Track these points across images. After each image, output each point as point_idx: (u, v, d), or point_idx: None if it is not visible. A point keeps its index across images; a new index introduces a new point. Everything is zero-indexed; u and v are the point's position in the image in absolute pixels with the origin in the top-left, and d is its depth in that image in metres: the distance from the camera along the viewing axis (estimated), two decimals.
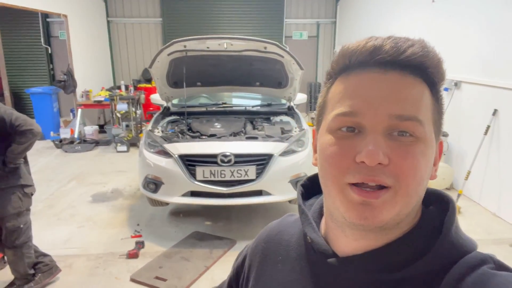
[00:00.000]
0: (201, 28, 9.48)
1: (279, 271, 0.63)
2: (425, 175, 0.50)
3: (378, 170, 0.47)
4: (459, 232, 0.53)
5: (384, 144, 0.48)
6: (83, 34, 7.86)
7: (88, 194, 4.66)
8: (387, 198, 0.48)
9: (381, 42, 0.50)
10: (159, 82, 4.00)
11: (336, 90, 0.53)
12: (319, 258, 0.57)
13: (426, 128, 0.50)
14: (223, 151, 3.30)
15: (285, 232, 0.68)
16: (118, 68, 9.90)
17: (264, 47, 3.60)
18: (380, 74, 0.49)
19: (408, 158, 0.48)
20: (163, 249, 3.39)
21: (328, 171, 0.51)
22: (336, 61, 0.54)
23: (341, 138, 0.50)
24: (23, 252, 2.73)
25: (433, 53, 0.50)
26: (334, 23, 10.03)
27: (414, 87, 0.49)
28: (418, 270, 0.50)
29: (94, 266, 3.16)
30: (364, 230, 0.50)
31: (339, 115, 0.50)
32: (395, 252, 0.52)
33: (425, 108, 0.50)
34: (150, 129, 3.77)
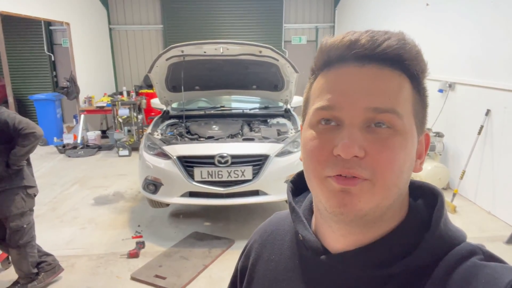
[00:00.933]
0: (201, 34, 9.61)
1: (272, 270, 0.64)
2: (404, 168, 0.50)
3: (354, 163, 0.48)
4: (448, 225, 0.53)
5: (360, 137, 0.48)
6: (85, 42, 8.00)
7: (90, 197, 4.75)
8: (365, 187, 0.48)
9: (357, 36, 0.50)
10: (158, 87, 4.11)
11: (317, 85, 0.54)
12: (311, 255, 0.58)
13: (405, 120, 0.49)
14: (220, 152, 3.39)
15: (277, 231, 0.69)
16: (120, 74, 10.04)
17: (259, 51, 3.70)
18: (357, 68, 0.50)
19: (384, 151, 0.48)
20: (163, 249, 3.47)
21: (309, 164, 0.53)
22: (317, 57, 0.55)
23: (320, 132, 0.51)
24: (27, 252, 2.82)
25: (411, 45, 0.50)
26: (333, 28, 10.15)
27: (392, 80, 0.50)
28: (408, 264, 0.50)
29: (96, 266, 3.24)
30: (345, 221, 0.50)
31: (318, 109, 0.51)
32: (385, 247, 0.52)
33: (404, 101, 0.50)
34: (150, 132, 3.87)
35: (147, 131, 3.97)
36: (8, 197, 2.70)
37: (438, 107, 4.80)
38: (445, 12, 4.83)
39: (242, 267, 0.73)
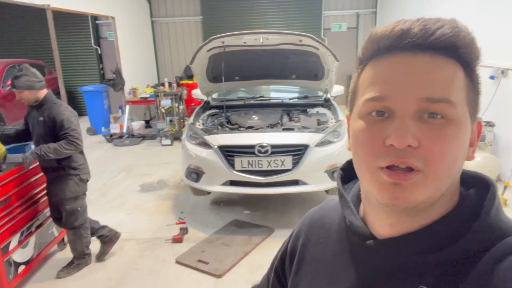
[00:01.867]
0: (239, 24, 9.65)
1: (321, 253, 0.65)
2: (457, 157, 0.49)
3: (408, 153, 0.47)
4: (500, 215, 0.52)
5: (414, 127, 0.48)
6: (129, 35, 8.29)
7: (136, 184, 4.98)
8: (418, 180, 0.48)
9: (409, 25, 0.49)
10: (199, 78, 4.20)
11: (366, 75, 0.54)
12: (357, 240, 0.58)
13: (459, 109, 0.49)
14: (260, 142, 3.43)
15: (326, 216, 0.70)
16: (162, 65, 10.33)
17: (299, 40, 3.68)
18: (409, 57, 0.49)
19: (438, 141, 0.47)
20: (205, 235, 3.59)
21: (360, 156, 0.53)
22: (365, 47, 0.54)
23: (371, 122, 0.51)
24: (81, 233, 3.03)
25: (464, 32, 0.49)
26: (375, 13, 9.81)
27: (445, 69, 0.49)
28: (454, 252, 0.50)
29: (143, 249, 3.42)
30: (397, 211, 0.51)
31: (369, 100, 0.51)
32: (431, 235, 0.51)
33: (458, 89, 0.49)
34: (192, 122, 3.98)
35: (189, 121, 4.08)
36: (63, 182, 2.91)
37: (489, 95, 4.55)
38: None
39: (292, 248, 0.74)
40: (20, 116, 7.43)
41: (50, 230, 3.16)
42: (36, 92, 2.80)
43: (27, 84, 2.75)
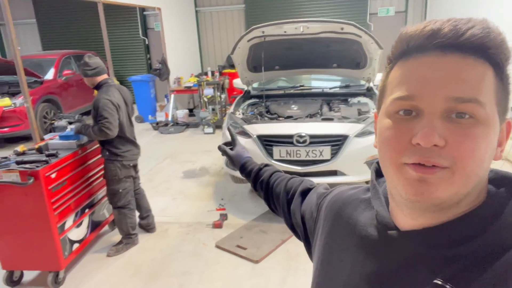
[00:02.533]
0: (282, 11, 9.56)
1: (348, 234, 0.68)
2: (485, 157, 0.49)
3: (434, 152, 0.48)
4: None
5: (441, 126, 0.48)
6: (174, 25, 8.51)
7: (180, 171, 5.20)
8: (444, 176, 0.48)
9: (439, 26, 0.49)
10: (240, 67, 4.26)
11: (395, 74, 0.54)
12: (381, 230, 0.60)
13: (488, 109, 0.49)
14: (298, 132, 3.45)
15: (359, 199, 0.72)
16: (205, 55, 10.53)
17: (341, 28, 3.61)
18: (438, 57, 0.49)
19: (466, 141, 0.48)
20: (244, 221, 3.70)
21: (385, 153, 0.53)
22: (395, 46, 0.55)
23: (399, 121, 0.51)
24: (125, 213, 3.26)
25: (495, 33, 0.49)
26: None
27: (475, 69, 0.49)
28: (474, 249, 0.50)
29: (185, 233, 3.59)
30: (421, 208, 0.51)
31: (397, 99, 0.51)
32: (454, 229, 0.52)
33: (487, 89, 0.49)
34: (232, 112, 4.07)
35: (230, 110, 4.17)
36: (106, 165, 3.18)
37: None
38: None
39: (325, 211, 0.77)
40: (75, 104, 7.97)
41: (101, 212, 3.41)
42: (91, 79, 3.10)
43: (82, 73, 3.09)
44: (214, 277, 2.94)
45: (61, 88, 7.59)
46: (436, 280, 0.52)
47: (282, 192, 0.98)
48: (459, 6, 7.26)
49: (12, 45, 3.90)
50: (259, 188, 1.10)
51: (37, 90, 6.84)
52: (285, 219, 0.97)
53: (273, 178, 1.06)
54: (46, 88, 7.11)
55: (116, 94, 3.09)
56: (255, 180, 1.11)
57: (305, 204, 0.88)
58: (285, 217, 0.97)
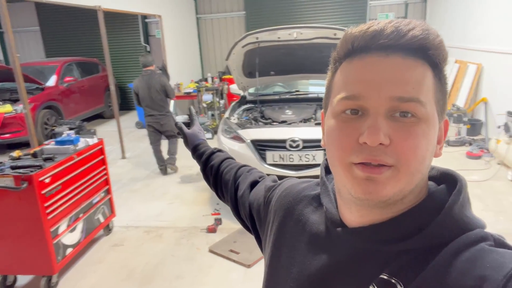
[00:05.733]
0: (282, 18, 9.63)
1: (299, 230, 0.69)
2: (427, 154, 0.51)
3: (380, 150, 0.49)
4: (465, 211, 0.54)
5: (386, 125, 0.49)
6: (175, 32, 8.59)
7: (177, 176, 5.23)
8: (390, 175, 0.50)
9: (382, 27, 0.51)
10: (235, 73, 4.31)
11: (340, 75, 0.55)
12: (330, 226, 0.62)
13: (428, 108, 0.51)
14: (291, 137, 3.47)
15: (310, 195, 0.72)
16: (206, 61, 10.60)
17: (334, 34, 3.64)
18: (381, 57, 0.51)
19: (409, 139, 0.49)
20: (238, 226, 3.70)
21: (333, 152, 0.54)
22: (340, 46, 0.56)
23: (345, 120, 0.53)
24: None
25: (434, 35, 0.51)
26: (425, 2, 9.35)
27: (416, 69, 0.50)
28: (417, 243, 0.52)
29: (180, 237, 3.60)
30: (369, 205, 0.53)
31: (343, 99, 0.53)
32: (398, 225, 0.54)
33: (427, 89, 0.51)
34: (227, 117, 4.10)
35: (225, 115, 4.21)
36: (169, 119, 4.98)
37: None
38: None
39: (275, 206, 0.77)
40: (77, 110, 8.06)
41: (96, 216, 3.44)
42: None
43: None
44: (206, 282, 2.95)
45: (63, 95, 7.67)
46: (382, 275, 0.53)
47: (231, 180, 0.98)
48: (458, 13, 7.28)
49: (11, 52, 3.97)
50: (208, 172, 1.08)
51: (38, 96, 6.93)
52: (232, 208, 0.96)
53: (224, 165, 1.05)
54: (47, 95, 7.19)
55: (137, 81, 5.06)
56: (206, 164, 1.09)
57: (252, 196, 0.88)
58: (232, 206, 0.96)
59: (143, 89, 4.96)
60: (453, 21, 7.54)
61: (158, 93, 4.99)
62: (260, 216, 0.82)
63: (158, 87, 5.00)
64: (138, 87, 4.97)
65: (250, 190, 0.91)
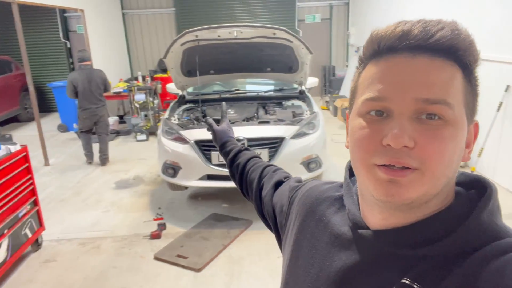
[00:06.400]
0: (213, 16, 9.55)
1: (320, 231, 0.68)
2: (454, 158, 0.50)
3: (404, 153, 0.48)
4: (495, 219, 0.52)
5: (410, 128, 0.48)
6: (100, 28, 8.06)
7: (112, 181, 4.91)
8: (414, 178, 0.49)
9: (410, 27, 0.50)
10: (173, 72, 4.15)
11: (366, 75, 0.54)
12: (352, 228, 0.61)
13: (456, 111, 0.49)
14: (236, 136, 3.43)
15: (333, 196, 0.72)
16: (134, 59, 10.11)
17: (273, 33, 3.69)
18: (408, 58, 0.50)
19: (435, 142, 0.48)
20: (184, 230, 3.59)
21: (356, 153, 0.54)
22: (366, 47, 0.55)
23: (370, 122, 0.52)
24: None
25: (464, 35, 0.49)
26: (347, 4, 9.92)
27: (444, 70, 0.49)
28: (441, 249, 0.50)
29: (120, 247, 3.38)
30: (391, 207, 0.52)
31: (368, 100, 0.52)
32: (422, 230, 0.52)
33: (456, 91, 0.50)
34: (167, 117, 3.94)
35: (164, 116, 4.04)
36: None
37: None
38: None
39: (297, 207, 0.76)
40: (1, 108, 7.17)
41: (23, 231, 3.08)
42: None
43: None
44: None
45: None
46: (404, 280, 0.52)
47: (256, 180, 0.97)
48: (378, 15, 7.85)
49: None
50: (234, 170, 1.08)
51: None
52: (256, 207, 0.96)
53: (250, 163, 1.05)
54: None
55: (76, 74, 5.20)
56: (232, 162, 1.10)
57: (276, 196, 0.88)
58: (256, 205, 0.96)
59: (83, 82, 5.08)
60: (374, 23, 8.04)
61: (98, 87, 5.22)
62: (283, 216, 0.81)
63: (99, 81, 5.24)
64: (77, 80, 5.08)
65: (274, 190, 0.90)
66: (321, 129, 3.73)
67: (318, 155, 3.62)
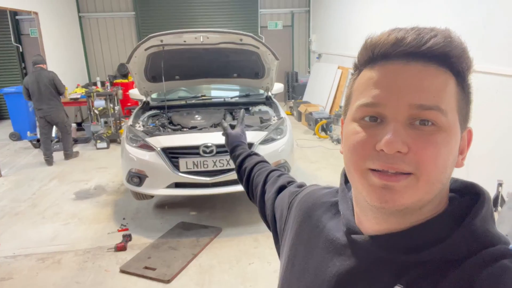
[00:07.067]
0: (175, 21, 9.42)
1: (315, 236, 0.68)
2: (447, 163, 0.50)
3: (397, 158, 0.48)
4: (487, 226, 0.52)
5: (404, 133, 0.49)
6: (55, 31, 7.70)
7: (71, 192, 4.66)
8: (409, 183, 0.49)
9: (403, 34, 0.50)
10: (137, 77, 4.03)
11: (361, 81, 0.55)
12: (347, 233, 0.61)
13: (449, 117, 0.50)
14: (204, 142, 3.39)
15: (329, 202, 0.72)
16: (92, 64, 9.75)
17: (240, 39, 3.68)
18: (402, 65, 0.50)
19: (428, 147, 0.48)
20: (151, 240, 3.47)
21: (350, 158, 0.54)
22: (360, 53, 0.55)
23: (364, 127, 0.52)
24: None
25: (457, 42, 0.50)
26: (308, 12, 10.16)
27: (437, 77, 0.50)
28: (435, 255, 0.51)
29: (83, 261, 3.21)
30: (385, 213, 0.52)
31: (362, 106, 0.52)
32: (416, 235, 0.52)
33: (449, 97, 0.50)
34: (131, 124, 3.81)
35: (128, 123, 3.91)
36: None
37: None
38: None
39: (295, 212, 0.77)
40: None
41: None
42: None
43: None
44: None
45: None
46: (398, 285, 0.52)
47: (261, 184, 1.00)
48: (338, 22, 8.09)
49: None
50: (242, 173, 1.12)
51: None
52: (260, 211, 0.98)
53: (257, 168, 1.07)
54: None
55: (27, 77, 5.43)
56: (240, 165, 1.13)
57: (278, 201, 0.89)
58: (260, 209, 0.98)
59: (32, 83, 5.36)
60: (334, 30, 8.36)
61: (46, 87, 5.39)
62: (282, 221, 0.82)
63: (47, 81, 5.40)
64: (28, 82, 5.39)
65: (277, 195, 0.91)
66: (288, 134, 3.76)
67: (286, 160, 3.64)
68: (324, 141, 6.52)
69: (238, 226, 3.68)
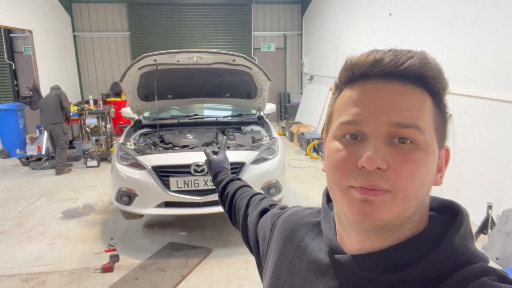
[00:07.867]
0: (169, 41, 9.54)
1: (298, 257, 0.68)
2: (425, 181, 0.52)
3: (377, 175, 0.50)
4: (467, 243, 0.53)
5: (384, 150, 0.50)
6: (49, 49, 7.74)
7: (58, 211, 4.58)
8: (387, 198, 0.50)
9: (381, 55, 0.52)
10: (130, 96, 4.04)
11: (341, 100, 0.56)
12: (329, 253, 0.61)
13: (427, 135, 0.51)
14: (196, 161, 3.38)
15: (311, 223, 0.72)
16: (85, 82, 9.77)
17: (233, 60, 3.73)
18: (381, 84, 0.52)
19: (407, 165, 0.50)
20: (139, 261, 3.40)
21: (332, 175, 0.55)
22: (341, 73, 0.57)
23: (345, 145, 0.53)
24: None
25: (432, 64, 0.52)
26: (300, 35, 10.37)
27: (414, 96, 0.52)
28: (416, 273, 0.51)
29: (68, 282, 3.12)
30: (366, 230, 0.52)
31: (343, 124, 0.54)
32: (396, 254, 0.53)
33: (426, 116, 0.52)
34: (122, 142, 3.79)
35: (120, 141, 3.88)
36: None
37: None
38: (407, 21, 5.08)
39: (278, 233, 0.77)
40: None
41: None
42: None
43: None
44: None
45: None
46: None
47: (243, 208, 1.00)
48: (328, 45, 8.26)
49: None
50: (224, 199, 1.12)
51: None
52: (242, 235, 0.97)
53: (239, 192, 1.08)
54: None
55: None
56: (223, 191, 1.14)
57: (260, 224, 0.89)
58: (242, 233, 0.98)
59: (44, 99, 6.03)
60: (326, 53, 8.53)
61: (53, 101, 5.91)
62: (265, 243, 0.82)
63: (54, 95, 5.95)
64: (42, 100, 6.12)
65: (259, 218, 0.91)
66: (280, 154, 3.77)
67: (278, 180, 3.63)
68: (316, 162, 6.54)
69: (228, 247, 3.62)
